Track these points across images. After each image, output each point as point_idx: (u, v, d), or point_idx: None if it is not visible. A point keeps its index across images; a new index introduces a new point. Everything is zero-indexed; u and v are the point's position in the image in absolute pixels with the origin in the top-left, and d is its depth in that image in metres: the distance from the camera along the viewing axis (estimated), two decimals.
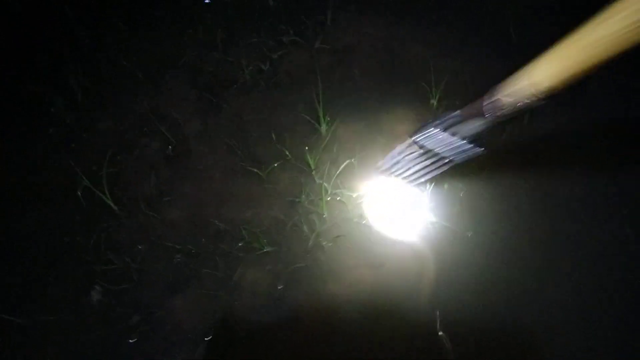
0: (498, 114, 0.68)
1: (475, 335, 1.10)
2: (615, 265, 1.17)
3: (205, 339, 1.12)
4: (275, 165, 1.31)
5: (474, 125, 0.73)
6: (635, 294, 1.12)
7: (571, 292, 1.14)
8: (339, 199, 1.28)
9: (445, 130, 0.78)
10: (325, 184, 1.26)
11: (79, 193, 1.25)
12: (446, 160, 0.82)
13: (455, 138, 0.76)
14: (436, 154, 0.84)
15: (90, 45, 1.47)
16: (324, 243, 1.22)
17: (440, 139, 0.78)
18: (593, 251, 1.19)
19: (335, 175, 1.29)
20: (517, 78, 0.67)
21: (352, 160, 1.32)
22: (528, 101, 0.65)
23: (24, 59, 1.44)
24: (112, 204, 1.23)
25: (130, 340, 1.12)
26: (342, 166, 1.30)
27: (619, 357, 1.06)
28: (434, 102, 1.38)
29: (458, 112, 0.76)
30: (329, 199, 1.27)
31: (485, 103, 0.70)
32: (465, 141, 0.75)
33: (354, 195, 1.28)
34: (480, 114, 0.70)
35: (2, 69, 1.41)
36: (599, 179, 1.29)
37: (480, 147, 0.78)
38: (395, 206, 1.28)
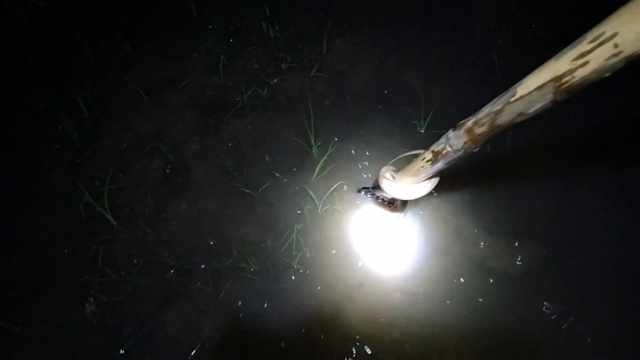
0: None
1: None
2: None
3: (192, 352, 1.17)
4: (267, 186, 1.38)
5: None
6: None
7: None
8: (328, 220, 1.33)
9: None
10: (316, 204, 1.31)
11: (81, 207, 1.32)
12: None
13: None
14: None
15: (97, 65, 1.56)
16: (310, 265, 1.27)
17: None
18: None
19: (325, 197, 1.35)
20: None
21: (342, 182, 1.38)
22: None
23: (35, 79, 1.53)
24: (111, 219, 1.30)
25: (121, 351, 1.17)
26: (332, 188, 1.36)
27: None
28: (421, 130, 1.44)
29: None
30: (318, 218, 1.32)
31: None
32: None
33: (342, 215, 1.33)
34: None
35: (16, 88, 1.50)
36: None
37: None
38: (377, 227, 1.33)
